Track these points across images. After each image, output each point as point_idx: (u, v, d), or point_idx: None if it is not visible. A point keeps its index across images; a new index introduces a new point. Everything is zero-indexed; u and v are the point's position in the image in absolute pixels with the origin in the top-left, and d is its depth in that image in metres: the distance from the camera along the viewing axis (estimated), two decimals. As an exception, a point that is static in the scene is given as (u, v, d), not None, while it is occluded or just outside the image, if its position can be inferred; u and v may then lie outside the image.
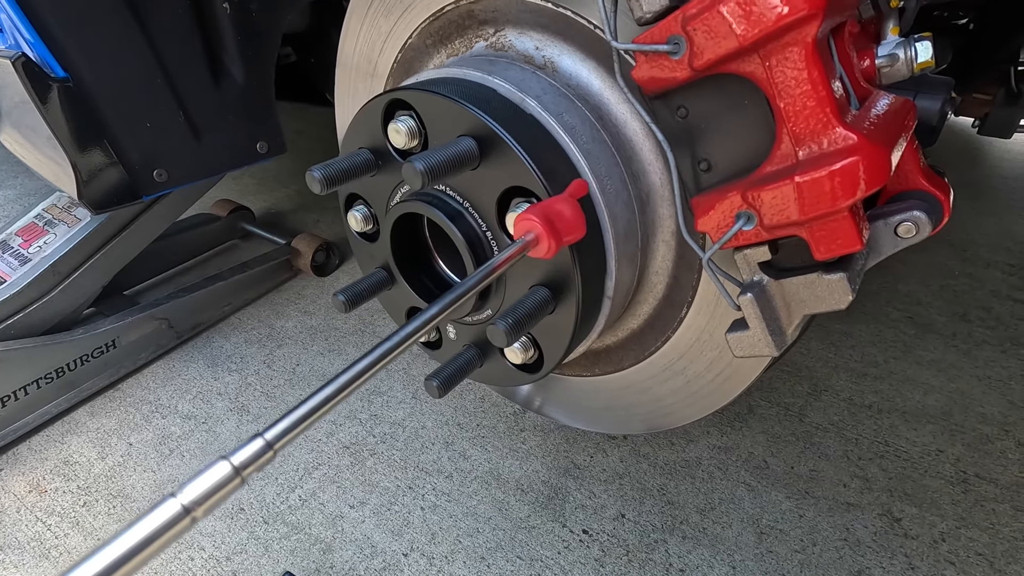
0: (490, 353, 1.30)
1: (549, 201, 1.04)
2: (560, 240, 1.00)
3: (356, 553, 1.63)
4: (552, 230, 0.99)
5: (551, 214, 1.00)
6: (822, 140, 0.86)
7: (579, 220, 1.04)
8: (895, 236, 1.00)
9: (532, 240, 0.99)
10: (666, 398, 1.38)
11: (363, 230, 1.36)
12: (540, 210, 1.00)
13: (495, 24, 1.25)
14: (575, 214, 1.03)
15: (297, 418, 0.69)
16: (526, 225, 0.99)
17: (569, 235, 1.02)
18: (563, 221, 1.01)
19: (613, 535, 1.65)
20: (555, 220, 1.00)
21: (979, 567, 1.56)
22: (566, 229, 1.01)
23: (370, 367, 0.76)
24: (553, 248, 0.99)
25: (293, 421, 0.68)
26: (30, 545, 1.66)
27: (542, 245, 0.99)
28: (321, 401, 0.71)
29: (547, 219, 0.99)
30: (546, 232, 0.98)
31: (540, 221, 0.98)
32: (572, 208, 1.03)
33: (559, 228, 1.00)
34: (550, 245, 0.99)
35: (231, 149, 1.97)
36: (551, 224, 0.99)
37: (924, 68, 1.00)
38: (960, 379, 2.11)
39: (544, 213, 1.00)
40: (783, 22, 0.80)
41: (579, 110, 1.13)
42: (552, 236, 0.98)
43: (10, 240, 2.14)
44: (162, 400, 2.12)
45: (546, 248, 0.99)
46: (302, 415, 0.69)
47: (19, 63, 1.54)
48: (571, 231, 1.03)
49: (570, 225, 1.02)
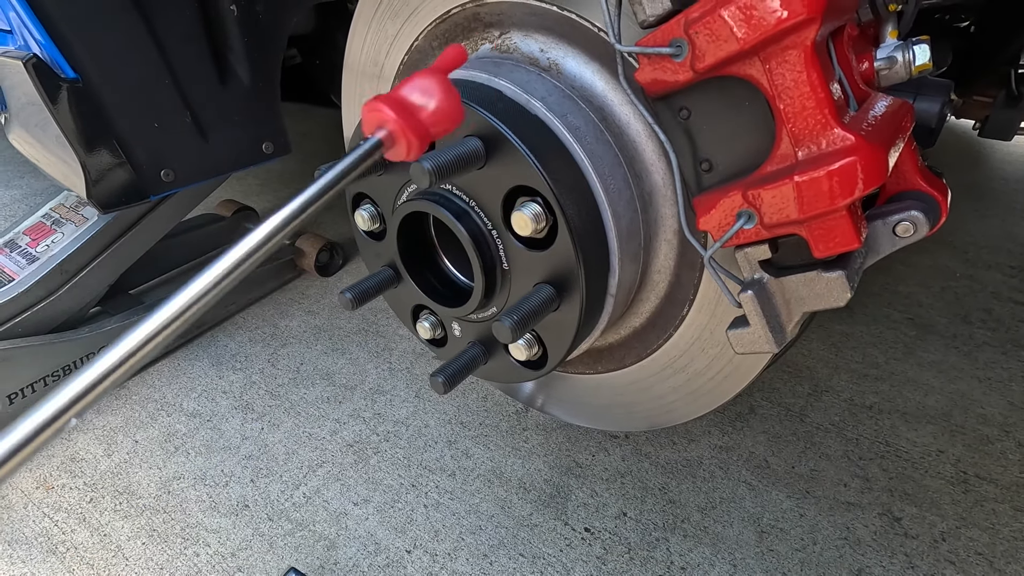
0: (495, 350, 1.31)
1: (410, 79, 0.80)
2: (425, 136, 0.78)
3: (360, 550, 1.64)
4: (411, 122, 0.76)
5: (408, 102, 0.78)
6: (821, 141, 0.88)
7: (451, 102, 0.80)
8: (893, 235, 1.02)
9: (386, 138, 0.76)
10: (668, 395, 1.40)
11: (370, 229, 1.37)
12: (394, 97, 0.78)
13: (500, 27, 1.27)
14: (445, 94, 0.80)
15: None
16: (376, 117, 0.77)
17: (438, 126, 0.79)
18: (427, 108, 0.78)
19: (615, 533, 1.66)
20: (415, 109, 0.78)
21: (979, 566, 1.56)
22: (434, 118, 0.78)
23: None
24: (415, 147, 0.77)
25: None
26: (37, 541, 1.68)
27: (399, 145, 0.77)
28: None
29: (403, 108, 0.77)
30: (403, 126, 0.76)
31: (393, 112, 0.76)
32: (439, 86, 0.80)
33: (422, 119, 0.77)
34: (409, 143, 0.77)
35: (237, 149, 1.99)
36: (409, 115, 0.77)
37: (922, 71, 1.02)
38: (961, 380, 2.12)
39: (400, 102, 0.77)
40: (783, 26, 0.82)
41: (583, 111, 1.15)
42: (412, 130, 0.76)
43: (18, 239, 2.16)
44: (167, 398, 2.13)
45: (405, 148, 0.77)
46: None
47: (30, 64, 1.56)
48: (441, 119, 0.79)
49: (440, 112, 0.79)
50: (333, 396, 2.13)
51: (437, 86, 0.80)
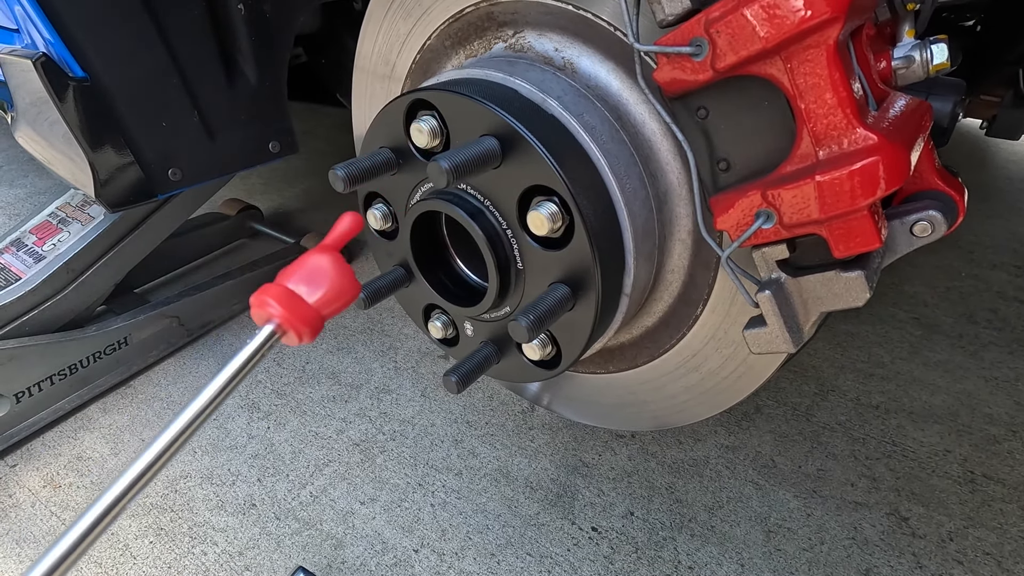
0: (507, 349, 1.31)
1: (297, 263, 0.81)
2: (316, 321, 0.79)
3: (367, 549, 1.64)
4: (300, 311, 0.77)
5: (293, 293, 0.78)
6: (842, 140, 0.88)
7: (342, 281, 0.81)
8: (911, 235, 1.02)
9: (278, 328, 0.77)
10: (680, 395, 1.40)
11: (382, 228, 1.37)
12: (279, 289, 0.78)
13: (514, 26, 1.27)
14: (336, 274, 0.80)
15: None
16: (263, 313, 0.78)
17: (329, 307, 0.80)
18: (316, 293, 0.79)
19: (622, 533, 1.66)
20: (304, 296, 0.78)
21: (987, 566, 1.57)
22: (325, 301, 0.79)
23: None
24: (307, 333, 0.78)
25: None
26: (45, 539, 1.67)
27: (291, 334, 0.78)
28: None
29: (290, 299, 0.78)
30: (290, 318, 0.77)
31: (280, 306, 0.77)
32: (331, 266, 0.80)
33: (311, 306, 0.78)
34: (299, 332, 0.78)
35: (244, 148, 1.99)
36: (297, 305, 0.77)
37: (939, 70, 1.02)
38: (967, 380, 2.12)
39: (285, 293, 0.78)
40: (806, 25, 0.82)
41: (598, 110, 1.15)
42: (300, 320, 0.77)
43: (24, 238, 2.15)
44: (173, 397, 2.13)
45: (297, 336, 0.78)
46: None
47: (39, 63, 1.56)
48: (331, 301, 0.80)
49: (330, 294, 0.79)
50: (339, 395, 2.13)
51: (328, 268, 0.81)
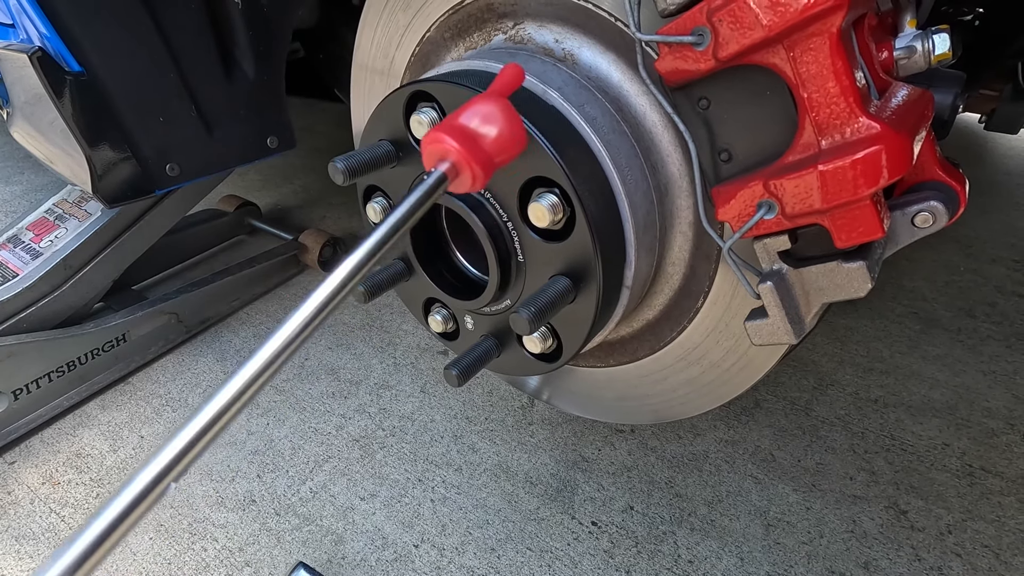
0: (508, 343, 1.30)
1: (469, 104, 0.75)
2: (489, 165, 0.73)
3: (367, 544, 1.64)
4: (475, 151, 0.71)
5: (471, 130, 0.73)
6: (845, 129, 0.87)
7: (514, 128, 0.75)
8: (912, 226, 1.02)
9: (450, 170, 0.72)
10: (681, 388, 1.39)
11: (382, 221, 1.36)
12: (456, 126, 0.73)
13: (514, 17, 1.26)
14: (507, 120, 0.75)
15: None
16: (438, 149, 0.72)
17: (502, 154, 0.74)
18: (489, 136, 0.73)
19: (622, 527, 1.66)
20: (478, 137, 0.73)
21: (985, 558, 1.57)
22: (497, 146, 0.73)
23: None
24: (480, 178, 0.72)
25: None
26: (44, 536, 1.67)
27: (464, 176, 0.72)
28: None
29: (466, 137, 0.72)
30: (467, 157, 0.71)
31: (456, 143, 0.71)
32: (502, 112, 0.75)
33: (485, 147, 0.72)
34: (474, 174, 0.72)
35: (242, 144, 1.99)
36: (473, 143, 0.72)
37: (941, 60, 1.02)
38: (965, 374, 2.12)
39: (462, 131, 0.72)
40: (809, 12, 0.81)
41: (599, 102, 1.14)
42: (476, 161, 0.71)
43: (21, 234, 2.14)
44: (172, 394, 2.12)
45: (470, 179, 0.72)
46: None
47: (35, 57, 1.55)
48: (504, 147, 0.74)
49: (503, 139, 0.74)
50: (338, 391, 2.12)
51: (499, 112, 0.75)
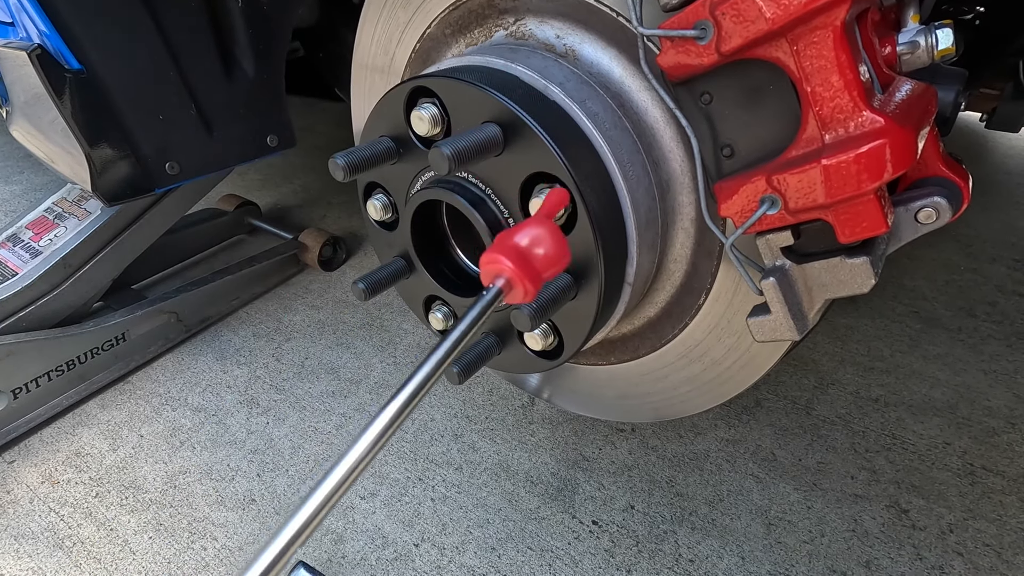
0: (509, 340, 1.30)
1: (520, 227, 0.85)
2: (538, 280, 0.83)
3: (368, 543, 1.64)
4: (527, 269, 0.81)
5: (522, 250, 0.83)
6: (849, 124, 0.87)
7: (559, 247, 0.85)
8: (915, 222, 1.02)
9: (505, 286, 0.82)
10: (682, 386, 1.39)
11: (382, 219, 1.36)
12: (509, 247, 0.82)
13: (515, 13, 1.26)
14: (554, 241, 0.85)
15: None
16: (493, 269, 0.82)
17: (550, 269, 0.84)
18: (538, 255, 0.83)
19: (623, 526, 1.66)
20: (529, 256, 0.82)
21: (987, 557, 1.57)
22: (545, 263, 0.83)
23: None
24: (531, 292, 0.82)
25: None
26: (44, 535, 1.66)
27: (517, 291, 0.82)
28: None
29: (519, 257, 0.82)
30: (519, 275, 0.81)
31: (510, 262, 0.81)
32: (549, 233, 0.85)
33: (535, 265, 0.82)
34: (526, 289, 0.82)
35: (242, 142, 1.99)
36: (525, 262, 0.82)
37: (944, 56, 1.01)
38: (966, 373, 2.12)
39: (515, 251, 0.82)
40: (813, 5, 0.81)
41: (601, 97, 1.14)
42: (528, 278, 0.81)
43: (21, 233, 2.14)
44: (172, 393, 2.12)
45: (523, 293, 0.82)
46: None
47: (35, 55, 1.55)
48: (551, 264, 0.84)
49: (550, 257, 0.84)
50: (338, 390, 2.12)
51: (547, 234, 0.85)
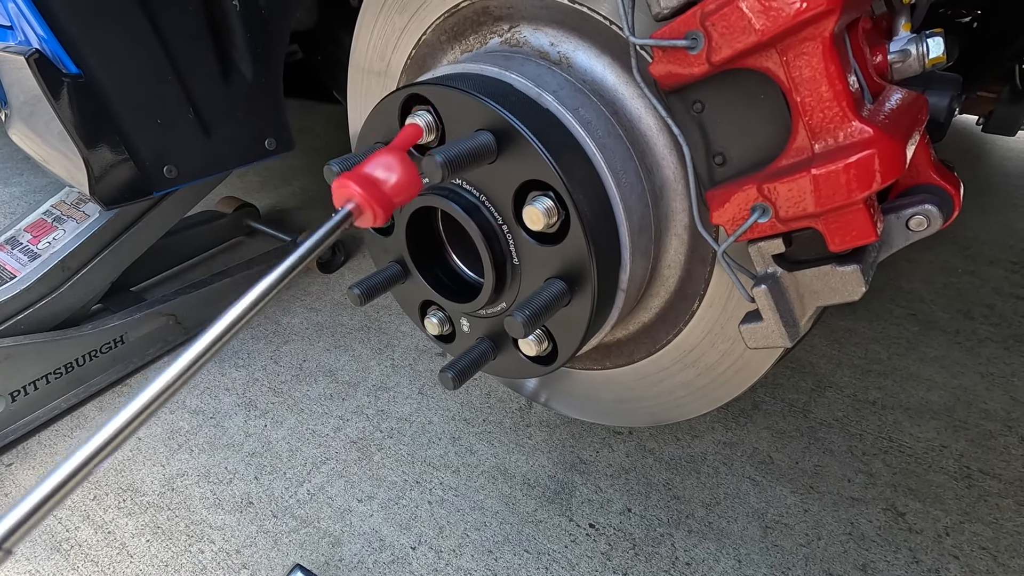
0: (504, 346, 1.31)
1: (371, 158, 0.93)
2: (388, 205, 0.90)
3: (365, 546, 1.64)
4: (375, 194, 0.89)
5: (372, 177, 0.90)
6: (838, 133, 0.88)
7: (409, 174, 0.92)
8: (907, 229, 1.02)
9: (355, 209, 0.89)
10: (677, 390, 1.40)
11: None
12: (359, 175, 0.90)
13: (510, 20, 1.26)
14: (404, 168, 0.92)
15: (28, 511, 0.59)
16: (344, 193, 0.89)
17: (399, 195, 0.92)
18: (388, 181, 0.90)
19: (620, 529, 1.66)
20: (379, 183, 0.90)
21: (983, 560, 1.57)
22: (395, 190, 0.91)
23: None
24: (380, 216, 0.90)
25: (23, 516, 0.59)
26: (41, 539, 1.67)
27: (367, 214, 0.89)
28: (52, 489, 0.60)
29: (368, 183, 0.89)
30: (367, 199, 0.88)
31: (359, 188, 0.88)
32: (399, 161, 0.92)
33: (384, 191, 0.90)
34: (375, 213, 0.89)
35: (240, 146, 1.99)
36: (374, 187, 0.89)
37: (935, 64, 1.02)
38: (963, 376, 2.12)
39: (364, 178, 0.90)
40: (802, 17, 0.81)
41: (594, 105, 1.14)
42: (377, 201, 0.88)
43: (19, 236, 2.15)
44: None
45: (371, 217, 0.89)
46: (33, 506, 0.59)
47: (33, 59, 1.55)
48: (401, 191, 0.91)
49: (400, 184, 0.91)
50: (336, 393, 2.13)
51: (397, 162, 0.93)
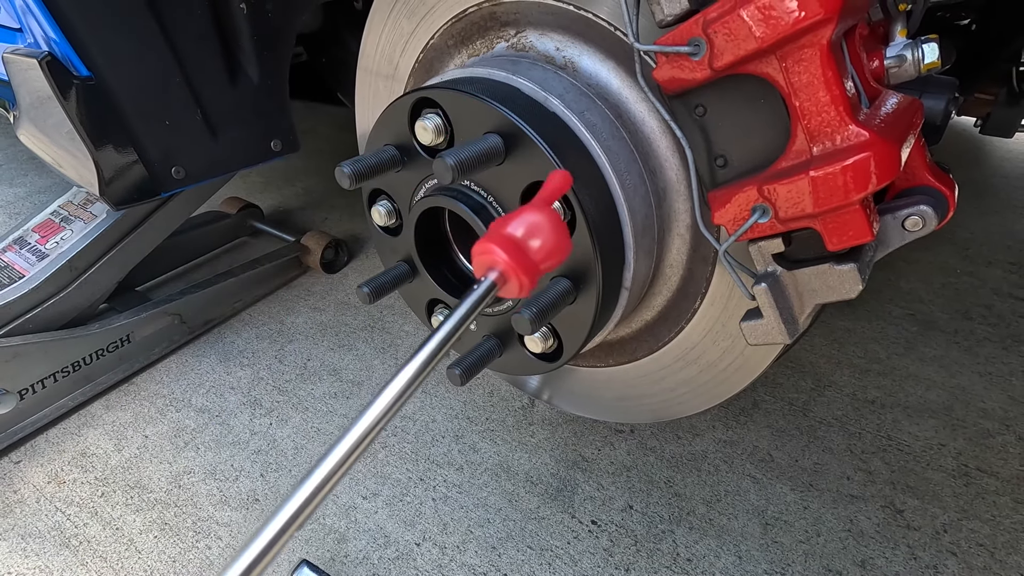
0: (509, 343, 1.33)
1: (516, 214, 0.76)
2: (535, 273, 0.73)
3: (370, 543, 1.66)
4: (522, 261, 0.72)
5: (518, 240, 0.73)
6: (835, 137, 0.90)
7: (559, 236, 0.75)
8: (902, 229, 1.04)
9: (499, 279, 0.73)
10: (678, 388, 1.42)
11: (386, 224, 1.39)
12: (503, 237, 0.73)
13: (516, 26, 1.29)
14: (553, 229, 0.75)
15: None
16: (487, 260, 0.73)
17: (548, 261, 0.75)
18: (535, 246, 0.74)
19: (621, 526, 1.68)
20: (525, 247, 0.73)
21: (980, 557, 1.59)
22: (543, 254, 0.74)
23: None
24: (527, 285, 0.73)
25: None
26: (51, 534, 1.69)
27: (511, 284, 0.73)
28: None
29: (514, 248, 0.72)
30: (514, 267, 0.72)
31: (505, 253, 0.72)
32: (548, 220, 0.75)
33: (531, 256, 0.73)
34: (521, 283, 0.73)
35: (246, 147, 2.00)
36: (520, 253, 0.72)
37: (931, 69, 1.04)
38: (962, 375, 2.14)
39: (510, 241, 0.73)
40: (800, 25, 0.84)
41: (599, 109, 1.17)
42: (523, 270, 0.72)
43: (27, 236, 2.17)
44: (176, 394, 2.15)
45: (518, 287, 0.73)
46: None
47: (45, 62, 1.58)
48: (550, 255, 0.75)
49: (548, 248, 0.74)
50: (340, 392, 2.15)
51: (546, 222, 0.76)
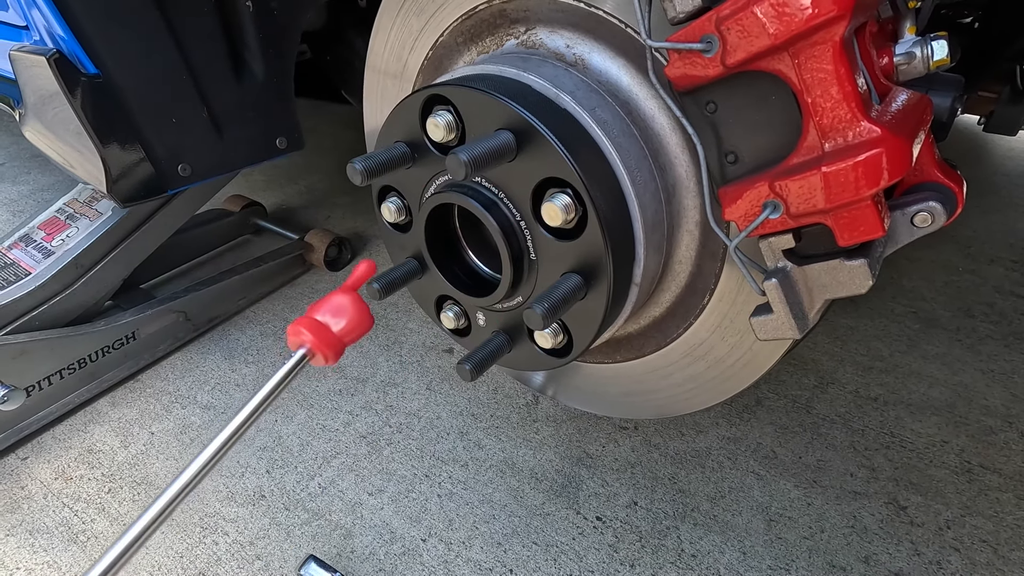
0: (519, 338, 1.33)
1: (325, 300, 1.05)
2: (339, 347, 1.03)
3: (376, 538, 1.67)
4: (326, 338, 1.01)
5: (321, 324, 1.03)
6: (847, 133, 0.91)
7: (360, 315, 1.05)
8: (911, 225, 1.05)
9: (308, 353, 1.01)
10: (686, 383, 1.42)
11: (396, 221, 1.39)
12: (310, 320, 1.02)
13: (526, 23, 1.29)
14: (355, 310, 1.05)
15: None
16: (297, 340, 1.01)
17: (350, 335, 1.05)
18: (340, 324, 1.03)
19: (626, 522, 1.69)
20: (327, 329, 1.03)
21: (983, 553, 1.60)
22: (346, 331, 1.04)
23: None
24: (332, 357, 1.03)
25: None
26: (58, 530, 1.70)
27: (319, 356, 1.02)
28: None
29: (319, 329, 1.02)
30: (318, 344, 1.01)
31: (310, 333, 1.01)
32: (351, 303, 1.05)
33: (335, 334, 1.02)
34: (326, 355, 1.02)
35: (252, 144, 2.01)
36: (323, 333, 1.02)
37: (940, 66, 1.05)
38: (964, 372, 2.15)
39: (314, 325, 1.02)
40: (813, 22, 0.85)
41: (610, 105, 1.17)
42: (327, 345, 1.01)
43: (33, 233, 2.17)
44: (181, 391, 2.15)
45: (324, 359, 1.02)
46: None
47: (53, 60, 1.58)
48: (352, 330, 1.05)
49: (351, 326, 1.04)
50: (345, 389, 2.15)
51: (349, 304, 1.06)
